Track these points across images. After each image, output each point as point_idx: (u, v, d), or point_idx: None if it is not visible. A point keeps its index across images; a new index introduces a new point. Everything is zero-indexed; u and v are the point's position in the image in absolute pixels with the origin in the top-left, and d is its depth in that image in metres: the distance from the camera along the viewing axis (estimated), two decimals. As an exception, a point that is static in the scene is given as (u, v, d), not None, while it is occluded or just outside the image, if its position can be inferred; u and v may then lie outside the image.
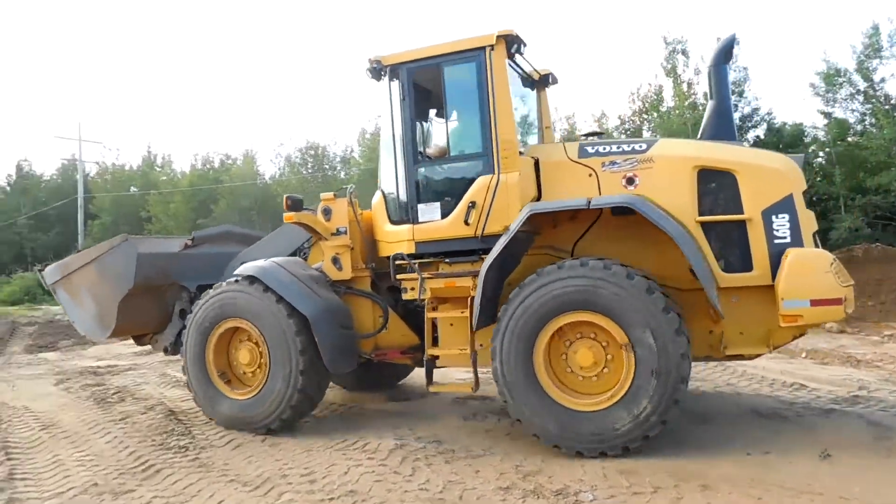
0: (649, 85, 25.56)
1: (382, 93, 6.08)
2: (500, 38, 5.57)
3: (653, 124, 24.91)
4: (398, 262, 5.93)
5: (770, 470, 4.52)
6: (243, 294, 6.06)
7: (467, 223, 5.56)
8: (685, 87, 22.39)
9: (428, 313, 5.75)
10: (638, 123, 25.96)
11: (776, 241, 4.99)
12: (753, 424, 5.64)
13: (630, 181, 5.39)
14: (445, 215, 5.69)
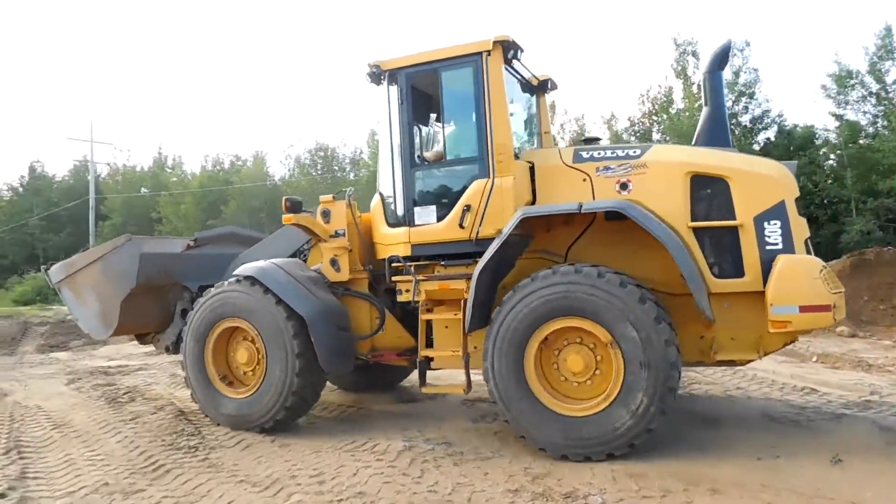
0: (659, 87, 25.53)
1: (381, 97, 6.15)
2: (496, 43, 5.63)
3: (663, 126, 24.81)
4: (394, 264, 6.00)
5: (780, 474, 4.49)
6: (243, 294, 6.14)
7: (462, 226, 5.61)
8: (695, 89, 22.28)
9: (422, 315, 5.80)
10: (648, 125, 25.87)
11: (768, 248, 5.00)
12: (764, 428, 5.61)
13: (624, 186, 5.43)
14: (441, 218, 5.76)
